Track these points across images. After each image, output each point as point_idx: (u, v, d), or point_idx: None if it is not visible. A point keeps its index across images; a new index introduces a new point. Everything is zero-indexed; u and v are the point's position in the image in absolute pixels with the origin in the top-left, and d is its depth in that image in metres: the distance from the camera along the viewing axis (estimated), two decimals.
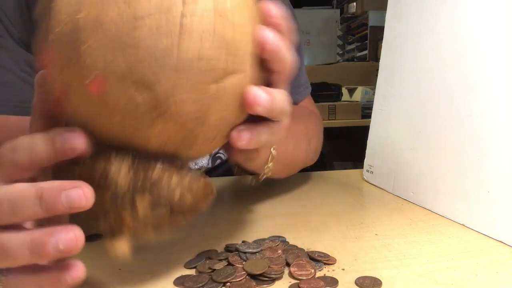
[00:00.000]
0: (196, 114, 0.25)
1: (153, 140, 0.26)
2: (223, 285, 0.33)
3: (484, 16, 0.45)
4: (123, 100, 0.23)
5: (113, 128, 0.25)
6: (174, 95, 0.23)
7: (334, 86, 2.15)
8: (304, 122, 0.58)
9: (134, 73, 0.22)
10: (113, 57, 0.22)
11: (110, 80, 0.23)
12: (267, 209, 0.54)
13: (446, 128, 0.50)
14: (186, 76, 0.23)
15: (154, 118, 0.24)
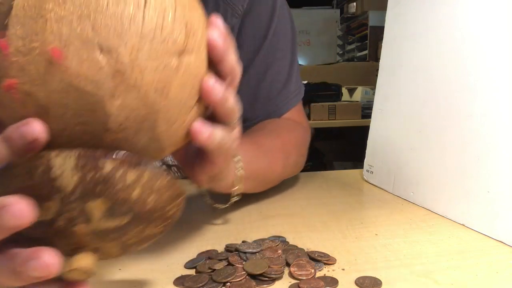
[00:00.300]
0: (158, 84, 0.25)
1: (113, 118, 0.24)
2: (223, 285, 0.33)
3: (484, 16, 0.45)
4: (86, 64, 0.23)
5: (71, 104, 0.24)
6: (137, 59, 0.24)
7: (334, 86, 2.15)
8: (281, 137, 0.58)
9: (100, 37, 0.23)
10: (79, 23, 0.23)
11: (74, 44, 0.23)
12: (267, 209, 0.54)
13: (446, 128, 0.50)
14: (149, 43, 0.24)
15: (117, 84, 0.24)
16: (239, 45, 0.62)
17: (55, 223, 0.24)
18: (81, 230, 0.24)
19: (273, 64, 0.64)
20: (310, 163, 1.99)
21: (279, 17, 0.64)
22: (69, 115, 0.24)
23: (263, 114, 0.65)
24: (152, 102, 0.25)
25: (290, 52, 0.66)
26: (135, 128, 0.25)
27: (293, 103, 0.66)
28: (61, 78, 0.23)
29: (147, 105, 0.25)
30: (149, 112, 0.25)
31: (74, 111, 0.24)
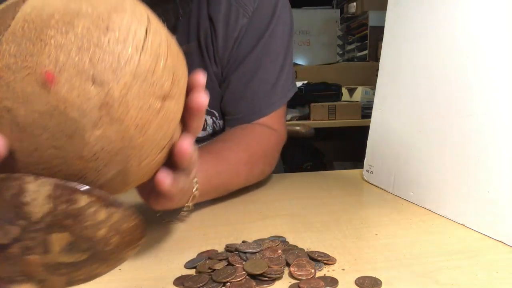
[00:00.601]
0: (141, 121, 0.26)
1: (89, 147, 0.25)
2: (223, 285, 0.33)
3: (484, 16, 0.45)
4: (76, 92, 0.24)
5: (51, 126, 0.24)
6: (126, 96, 0.25)
7: (334, 86, 2.15)
8: (249, 150, 0.59)
9: (96, 69, 0.24)
10: (78, 53, 0.24)
11: (69, 71, 0.24)
12: (267, 209, 0.54)
13: (446, 128, 0.50)
14: (140, 83, 0.26)
15: (102, 116, 0.25)
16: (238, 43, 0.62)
17: (9, 249, 0.23)
18: (35, 260, 0.24)
19: (264, 65, 0.64)
20: (310, 163, 1.99)
21: (279, 19, 0.64)
22: (45, 137, 0.24)
23: (246, 112, 0.66)
24: (130, 137, 0.26)
25: (283, 55, 0.67)
26: (107, 160, 0.26)
27: (277, 106, 0.67)
28: (48, 100, 0.24)
29: (125, 140, 0.26)
30: (124, 147, 0.26)
31: (52, 134, 0.24)
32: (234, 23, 0.61)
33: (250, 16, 0.61)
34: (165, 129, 0.29)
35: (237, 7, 0.61)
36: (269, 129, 0.66)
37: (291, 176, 0.72)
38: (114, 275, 0.36)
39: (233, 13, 0.60)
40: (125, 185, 0.29)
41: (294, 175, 0.74)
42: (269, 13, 0.63)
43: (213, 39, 0.61)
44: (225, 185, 0.55)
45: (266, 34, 0.63)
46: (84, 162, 0.25)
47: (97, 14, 0.25)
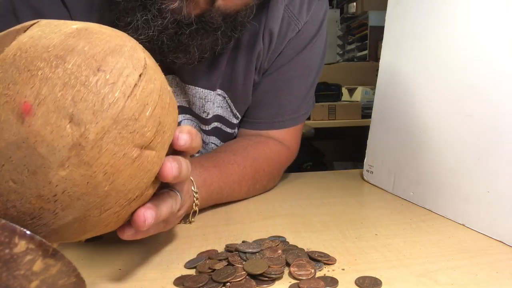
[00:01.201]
0: (111, 169, 0.25)
1: (49, 187, 0.24)
2: (223, 285, 0.33)
3: (484, 16, 0.45)
4: (50, 128, 0.23)
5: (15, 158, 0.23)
6: (102, 140, 0.24)
7: (334, 86, 2.15)
8: (256, 166, 0.59)
9: (76, 108, 0.24)
10: (61, 89, 0.24)
11: (48, 106, 0.23)
12: (267, 209, 0.54)
13: (446, 128, 0.50)
14: (120, 129, 0.25)
15: (71, 156, 0.24)
16: (280, 53, 0.61)
17: None
18: None
19: (297, 78, 0.64)
20: (310, 163, 1.99)
21: (320, 36, 0.65)
22: (6, 168, 0.23)
23: (267, 119, 0.65)
24: (95, 184, 0.25)
25: (316, 72, 0.67)
26: (66, 204, 0.25)
27: (299, 121, 0.67)
28: (19, 131, 0.23)
29: (90, 185, 0.25)
30: (87, 193, 0.25)
31: (14, 166, 0.23)
32: (284, 35, 0.61)
33: (299, 30, 0.62)
34: (137, 180, 0.27)
35: (289, 21, 0.60)
36: (282, 146, 0.65)
37: (291, 176, 0.72)
38: (114, 275, 0.36)
39: (285, 25, 0.60)
40: (82, 234, 0.28)
41: (294, 175, 0.74)
42: (315, 29, 0.64)
43: (265, 52, 0.61)
44: (224, 199, 0.55)
45: (307, 48, 0.63)
46: (42, 202, 0.24)
47: (92, 54, 0.25)
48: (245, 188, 0.57)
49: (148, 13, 0.44)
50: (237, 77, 0.61)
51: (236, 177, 0.55)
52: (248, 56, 0.60)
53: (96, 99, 0.24)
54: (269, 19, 0.58)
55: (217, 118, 0.64)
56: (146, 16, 0.44)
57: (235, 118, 0.65)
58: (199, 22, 0.46)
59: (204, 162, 0.53)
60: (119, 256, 0.40)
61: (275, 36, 0.59)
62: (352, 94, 2.32)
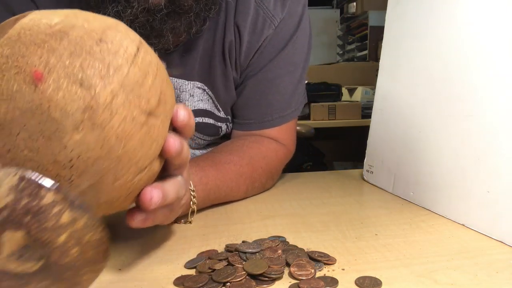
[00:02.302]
0: (121, 132, 0.26)
1: (65, 151, 0.24)
2: (223, 285, 0.33)
3: (484, 16, 0.45)
4: (62, 93, 0.24)
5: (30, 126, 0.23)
6: (111, 103, 0.25)
7: (334, 86, 2.15)
8: (254, 164, 0.59)
9: (84, 73, 0.25)
10: (69, 57, 0.25)
11: (58, 72, 0.24)
12: (267, 209, 0.54)
13: (446, 128, 0.50)
14: (127, 93, 0.26)
15: (84, 119, 0.24)
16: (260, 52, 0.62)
17: None
18: None
19: (282, 76, 0.64)
20: (310, 163, 1.99)
21: (301, 31, 0.65)
22: (21, 137, 0.23)
23: (257, 119, 0.66)
24: (109, 147, 0.25)
25: (302, 68, 0.67)
26: (82, 170, 0.25)
27: (289, 118, 0.67)
28: (32, 98, 0.24)
29: (104, 149, 0.25)
30: (102, 157, 0.25)
31: (29, 134, 0.24)
32: (260, 32, 0.61)
33: (276, 27, 0.62)
34: (147, 148, 0.28)
35: (264, 17, 0.61)
36: (278, 144, 0.66)
37: (291, 176, 0.72)
38: (114, 275, 0.36)
39: (260, 22, 0.61)
40: (96, 205, 0.27)
41: (294, 175, 0.74)
42: (294, 24, 0.64)
43: (236, 46, 0.61)
44: (223, 198, 0.55)
45: (289, 45, 0.63)
46: (58, 168, 0.24)
47: (92, 28, 0.27)
48: (243, 187, 0.57)
49: (118, 5, 0.46)
50: (215, 68, 0.61)
51: (233, 176, 0.55)
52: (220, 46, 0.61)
53: (102, 66, 0.25)
54: (237, 13, 0.60)
55: (201, 112, 0.64)
56: (116, 8, 0.46)
57: (219, 111, 0.65)
58: (170, 6, 0.48)
59: (200, 162, 0.53)
60: (119, 256, 0.40)
61: (244, 31, 0.60)
62: (352, 94, 2.32)
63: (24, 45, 0.25)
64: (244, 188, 0.58)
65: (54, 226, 0.21)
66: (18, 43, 0.25)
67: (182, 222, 0.49)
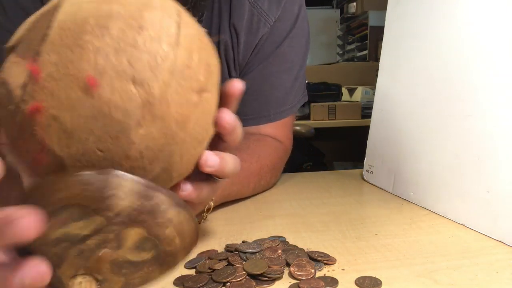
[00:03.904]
0: (180, 117, 0.27)
1: (134, 146, 0.25)
2: (223, 285, 0.33)
3: (484, 16, 0.45)
4: (118, 93, 0.25)
5: (96, 130, 0.25)
6: (166, 93, 0.26)
7: (334, 86, 2.15)
8: (261, 162, 0.60)
9: (134, 69, 0.25)
10: (115, 55, 0.25)
11: (109, 73, 0.24)
12: (267, 209, 0.54)
13: (446, 128, 0.50)
14: (178, 79, 0.26)
15: (145, 114, 0.25)
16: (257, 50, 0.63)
17: (86, 240, 0.24)
18: (106, 255, 0.25)
19: (279, 72, 0.66)
20: (310, 163, 1.99)
21: (298, 30, 0.66)
22: (91, 141, 0.25)
23: (254, 114, 0.66)
24: (172, 134, 0.27)
25: (299, 66, 0.68)
26: (151, 158, 0.27)
27: (286, 114, 0.68)
28: (92, 104, 0.24)
29: (167, 136, 0.26)
30: (167, 143, 0.27)
31: (98, 137, 0.25)
32: (256, 31, 0.62)
33: (271, 26, 0.63)
34: (204, 122, 0.29)
35: (258, 17, 0.62)
36: (277, 142, 0.67)
37: (291, 176, 0.72)
38: None
39: (255, 22, 0.62)
40: (169, 182, 0.29)
41: (294, 175, 0.74)
42: (290, 23, 0.65)
43: (234, 47, 0.62)
44: (235, 195, 0.56)
45: (285, 42, 0.65)
46: (131, 161, 0.26)
47: (129, 14, 0.26)
48: (252, 185, 0.58)
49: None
50: None
51: (245, 173, 0.56)
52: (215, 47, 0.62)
53: (149, 57, 0.25)
54: (232, 14, 0.61)
55: None
56: None
57: None
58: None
59: None
60: None
61: (240, 31, 0.61)
62: (352, 94, 2.32)
63: (69, 49, 0.25)
64: (253, 185, 0.58)
65: (162, 222, 0.25)
66: (63, 48, 0.25)
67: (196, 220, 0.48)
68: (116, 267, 0.26)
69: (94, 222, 0.24)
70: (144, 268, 0.27)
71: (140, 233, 0.25)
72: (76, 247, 0.25)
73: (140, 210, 0.25)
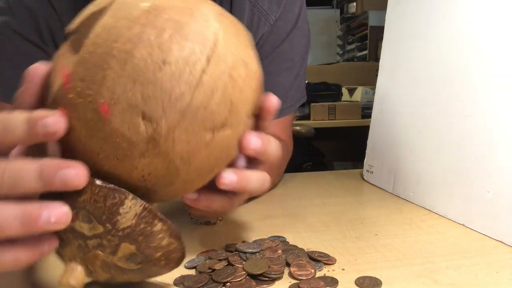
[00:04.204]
0: (186, 154, 0.27)
1: (137, 171, 0.27)
2: (223, 285, 0.33)
3: (484, 16, 0.45)
4: (127, 125, 0.26)
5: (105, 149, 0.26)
6: (173, 133, 0.26)
7: (334, 86, 2.15)
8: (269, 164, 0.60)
9: (146, 105, 0.26)
10: (132, 87, 0.25)
11: (122, 105, 0.26)
12: (267, 209, 0.54)
13: (446, 128, 0.50)
14: (189, 120, 0.27)
15: (149, 148, 0.26)
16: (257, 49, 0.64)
17: (89, 240, 0.27)
18: (101, 256, 0.28)
19: (279, 71, 0.66)
20: (310, 163, 1.99)
21: (299, 30, 0.66)
22: (101, 157, 0.27)
23: None
24: (175, 168, 0.28)
25: (299, 65, 0.68)
26: (154, 181, 0.28)
27: (285, 113, 0.68)
28: (103, 128, 0.26)
29: (170, 169, 0.28)
30: (169, 174, 0.28)
31: (106, 155, 0.27)
32: (256, 30, 0.63)
33: (272, 25, 0.64)
34: (215, 158, 0.29)
35: (259, 15, 0.63)
36: (281, 141, 0.66)
37: (291, 176, 0.72)
38: None
39: (255, 21, 0.63)
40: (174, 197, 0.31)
41: (294, 175, 0.74)
42: (291, 23, 0.65)
43: None
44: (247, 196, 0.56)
45: (285, 42, 0.65)
46: (134, 181, 0.28)
47: (158, 43, 0.26)
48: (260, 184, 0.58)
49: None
50: None
51: None
52: None
53: (164, 95, 0.26)
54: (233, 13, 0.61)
55: None
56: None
57: None
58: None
59: None
60: None
61: None
62: (352, 94, 2.32)
63: (94, 69, 0.26)
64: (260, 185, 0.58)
65: (155, 247, 0.28)
66: (89, 65, 0.26)
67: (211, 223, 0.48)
68: (106, 267, 0.29)
69: (97, 229, 0.27)
70: (129, 274, 0.30)
71: (132, 249, 0.28)
72: (78, 241, 0.27)
73: (140, 232, 0.27)
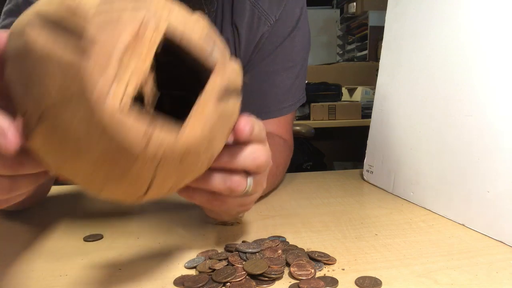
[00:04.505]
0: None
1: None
2: (223, 285, 0.33)
3: (484, 16, 0.45)
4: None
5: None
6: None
7: (334, 86, 2.15)
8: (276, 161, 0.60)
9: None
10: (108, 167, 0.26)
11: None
12: (267, 209, 0.54)
13: (446, 128, 0.50)
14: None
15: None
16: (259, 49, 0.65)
17: None
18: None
19: (279, 70, 0.67)
20: (310, 163, 1.99)
21: (299, 31, 0.67)
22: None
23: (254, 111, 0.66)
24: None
25: (300, 65, 0.69)
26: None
27: (285, 112, 0.68)
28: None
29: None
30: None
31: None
32: (256, 30, 0.64)
33: (272, 25, 0.64)
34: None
35: (259, 15, 0.63)
36: (283, 140, 0.68)
37: (291, 176, 0.72)
38: (114, 275, 0.36)
39: (255, 20, 0.63)
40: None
41: (294, 175, 0.74)
42: (292, 24, 0.66)
43: (236, 44, 0.64)
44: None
45: (286, 42, 0.66)
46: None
47: (179, 144, 0.27)
48: (268, 184, 0.58)
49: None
50: None
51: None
52: None
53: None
54: (234, 13, 0.62)
55: None
56: None
57: None
58: None
59: None
60: (119, 256, 0.40)
61: (241, 30, 0.63)
62: (352, 94, 2.32)
63: None
64: (269, 184, 0.58)
65: None
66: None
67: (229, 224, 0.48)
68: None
69: None
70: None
71: None
72: None
73: None
